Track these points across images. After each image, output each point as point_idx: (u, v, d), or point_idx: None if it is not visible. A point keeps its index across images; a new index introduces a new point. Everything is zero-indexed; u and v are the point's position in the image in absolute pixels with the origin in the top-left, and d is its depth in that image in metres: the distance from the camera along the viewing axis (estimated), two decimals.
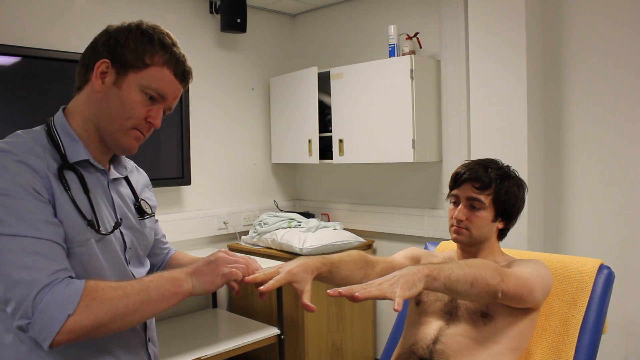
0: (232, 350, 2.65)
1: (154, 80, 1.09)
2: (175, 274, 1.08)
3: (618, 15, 2.40)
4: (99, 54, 1.09)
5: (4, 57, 2.46)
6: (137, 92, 1.09)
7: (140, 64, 1.08)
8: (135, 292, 1.01)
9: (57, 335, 0.93)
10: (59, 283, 0.96)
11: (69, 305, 0.94)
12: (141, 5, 3.01)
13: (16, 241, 0.95)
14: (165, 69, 1.10)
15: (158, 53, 1.09)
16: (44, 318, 0.93)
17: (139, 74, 1.08)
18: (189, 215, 3.24)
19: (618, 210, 2.44)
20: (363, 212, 3.46)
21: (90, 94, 1.10)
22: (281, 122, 3.54)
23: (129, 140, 1.13)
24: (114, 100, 1.08)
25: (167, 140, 3.07)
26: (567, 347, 1.47)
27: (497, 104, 2.49)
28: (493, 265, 1.31)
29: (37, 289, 0.94)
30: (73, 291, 0.96)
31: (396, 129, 2.90)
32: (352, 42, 3.47)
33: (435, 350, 1.40)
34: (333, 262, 1.35)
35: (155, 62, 1.09)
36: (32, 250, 0.95)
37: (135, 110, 1.09)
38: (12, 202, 0.96)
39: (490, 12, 2.49)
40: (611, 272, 1.56)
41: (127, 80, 1.08)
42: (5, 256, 0.95)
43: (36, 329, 0.94)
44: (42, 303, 0.93)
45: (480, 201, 1.49)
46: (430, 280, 1.14)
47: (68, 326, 0.94)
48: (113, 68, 1.08)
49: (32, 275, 0.94)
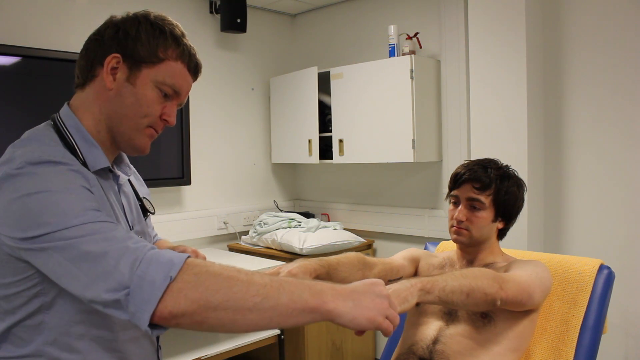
0: (232, 350, 2.65)
1: (170, 76, 1.02)
2: (322, 286, 0.88)
3: (618, 15, 2.40)
4: (107, 48, 1.01)
5: (4, 57, 2.46)
6: (152, 88, 1.02)
7: (154, 58, 1.01)
8: (262, 283, 0.83)
9: (159, 305, 0.78)
10: (153, 250, 0.84)
11: (172, 267, 0.80)
12: (141, 6, 2.98)
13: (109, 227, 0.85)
14: (179, 63, 1.04)
15: (171, 46, 1.03)
16: (144, 284, 0.79)
17: (154, 69, 1.01)
18: (189, 215, 3.24)
19: (618, 210, 2.44)
20: (363, 212, 3.46)
21: (99, 91, 1.02)
22: (281, 122, 3.54)
23: (144, 139, 1.06)
24: (128, 97, 1.01)
25: (167, 140, 3.07)
26: (567, 347, 1.47)
27: (497, 104, 2.49)
28: (490, 273, 1.30)
29: (138, 255, 0.81)
30: (175, 255, 0.82)
31: (396, 129, 2.90)
32: (352, 42, 3.46)
33: (435, 351, 1.40)
34: (331, 264, 1.38)
35: (169, 56, 1.02)
36: (113, 235, 0.84)
37: (151, 107, 1.02)
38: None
39: (490, 12, 2.49)
40: (611, 272, 1.56)
41: (141, 76, 1.01)
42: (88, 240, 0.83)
43: (135, 301, 0.79)
44: (139, 269, 0.80)
45: (480, 201, 1.49)
46: (423, 294, 1.15)
47: (172, 295, 0.78)
48: (125, 63, 1.01)
49: (129, 247, 0.83)
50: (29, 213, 0.85)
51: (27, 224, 0.84)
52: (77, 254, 0.82)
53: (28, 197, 0.85)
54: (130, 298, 0.79)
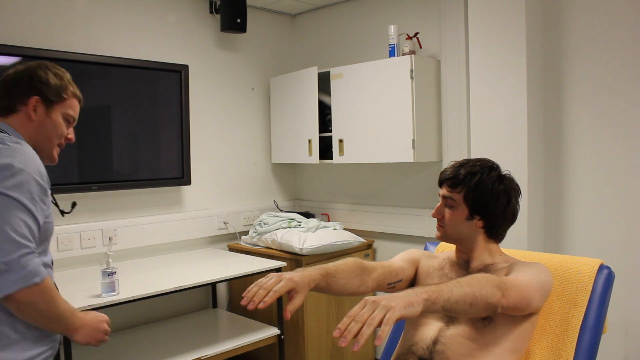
0: (232, 350, 2.65)
1: (71, 108, 1.53)
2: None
3: (618, 16, 2.40)
4: (27, 91, 1.46)
5: (4, 57, 2.46)
6: (61, 118, 1.51)
7: (60, 98, 1.50)
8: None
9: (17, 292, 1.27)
10: (35, 255, 1.32)
11: (36, 276, 1.29)
12: (141, 6, 3.01)
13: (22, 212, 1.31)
14: (73, 99, 1.54)
15: (68, 88, 1.52)
16: (21, 272, 1.27)
17: (61, 105, 1.50)
18: (189, 215, 3.24)
19: (618, 210, 2.44)
20: (363, 212, 3.46)
21: (24, 121, 1.46)
22: (281, 122, 3.54)
23: (56, 154, 1.54)
24: (47, 125, 1.49)
25: (167, 140, 3.07)
26: (567, 347, 1.47)
27: (497, 104, 2.49)
28: (494, 280, 1.30)
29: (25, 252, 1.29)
30: (42, 271, 1.32)
31: (396, 129, 2.90)
32: (352, 42, 3.47)
33: (435, 351, 1.40)
34: (329, 272, 1.38)
35: (69, 95, 1.52)
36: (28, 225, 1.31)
37: (62, 132, 1.52)
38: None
39: (490, 12, 2.49)
40: (611, 272, 1.55)
41: (54, 110, 1.49)
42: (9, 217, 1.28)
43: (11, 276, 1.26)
44: (22, 260, 1.27)
45: (452, 199, 1.52)
46: (429, 304, 1.15)
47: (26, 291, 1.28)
48: (43, 103, 1.47)
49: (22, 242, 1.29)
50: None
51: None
52: None
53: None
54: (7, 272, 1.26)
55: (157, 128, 3.08)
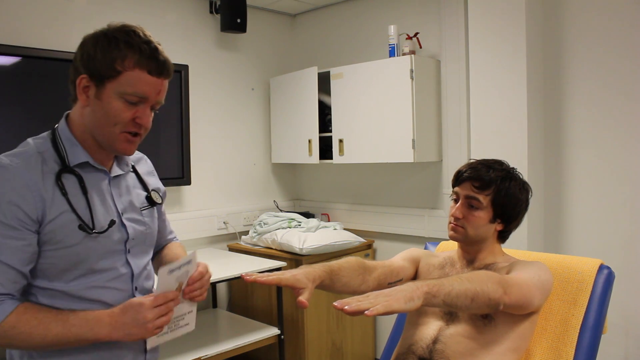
0: (232, 350, 2.65)
1: (130, 85, 1.11)
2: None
3: (618, 15, 2.40)
4: (78, 70, 1.14)
5: (4, 57, 2.45)
6: (117, 99, 1.12)
7: (113, 72, 1.11)
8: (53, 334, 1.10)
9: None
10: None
11: None
12: (141, 5, 3.01)
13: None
14: (137, 70, 1.12)
15: (127, 56, 1.11)
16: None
17: (115, 82, 1.11)
18: (189, 215, 3.24)
19: (618, 210, 2.44)
20: (363, 212, 3.46)
21: (80, 107, 1.17)
22: (281, 122, 3.54)
23: (121, 144, 1.17)
24: (98, 111, 1.14)
25: (167, 140, 3.07)
26: (567, 347, 1.47)
27: (497, 104, 2.49)
28: (496, 277, 1.30)
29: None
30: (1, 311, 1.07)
31: (396, 129, 2.90)
32: (352, 42, 3.47)
33: (435, 350, 1.40)
34: (333, 270, 1.39)
35: (126, 66, 1.11)
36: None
37: (119, 117, 1.13)
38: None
39: (490, 12, 2.49)
40: (611, 272, 1.55)
41: (105, 90, 1.12)
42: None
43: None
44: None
45: (478, 200, 1.49)
46: (429, 297, 1.14)
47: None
48: (92, 81, 1.12)
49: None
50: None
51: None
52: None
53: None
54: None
55: (157, 128, 3.08)
